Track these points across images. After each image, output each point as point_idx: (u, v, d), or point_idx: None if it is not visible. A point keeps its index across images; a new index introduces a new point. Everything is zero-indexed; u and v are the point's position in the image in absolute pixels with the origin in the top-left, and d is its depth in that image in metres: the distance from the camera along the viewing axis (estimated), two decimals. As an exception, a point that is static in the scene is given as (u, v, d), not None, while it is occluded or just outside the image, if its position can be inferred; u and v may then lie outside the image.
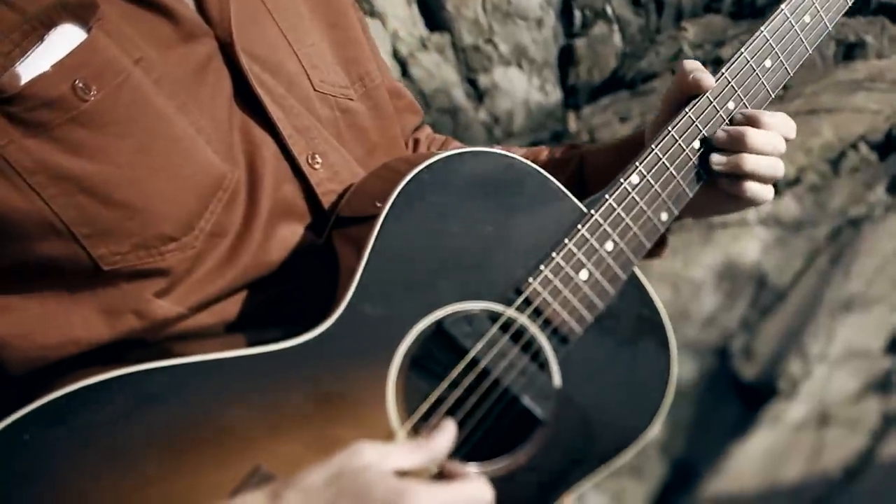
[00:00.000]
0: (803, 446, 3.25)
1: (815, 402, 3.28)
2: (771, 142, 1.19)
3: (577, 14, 6.58)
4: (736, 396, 3.25)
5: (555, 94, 6.46)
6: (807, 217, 3.09)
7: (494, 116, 6.25)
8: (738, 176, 1.20)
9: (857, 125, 4.03)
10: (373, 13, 5.79)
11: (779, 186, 2.99)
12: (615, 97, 6.05)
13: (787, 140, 1.22)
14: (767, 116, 1.20)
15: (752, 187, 1.21)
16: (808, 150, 3.17)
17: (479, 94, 6.21)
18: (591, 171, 1.15)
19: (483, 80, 6.23)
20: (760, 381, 3.21)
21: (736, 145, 1.18)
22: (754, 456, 3.23)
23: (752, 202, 1.24)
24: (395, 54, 5.81)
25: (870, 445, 3.09)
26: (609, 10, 6.53)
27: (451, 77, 6.03)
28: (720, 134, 1.19)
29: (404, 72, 5.79)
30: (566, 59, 6.55)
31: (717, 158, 1.19)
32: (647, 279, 1.18)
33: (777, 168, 1.21)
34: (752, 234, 3.04)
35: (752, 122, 1.20)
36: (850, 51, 5.31)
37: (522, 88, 6.36)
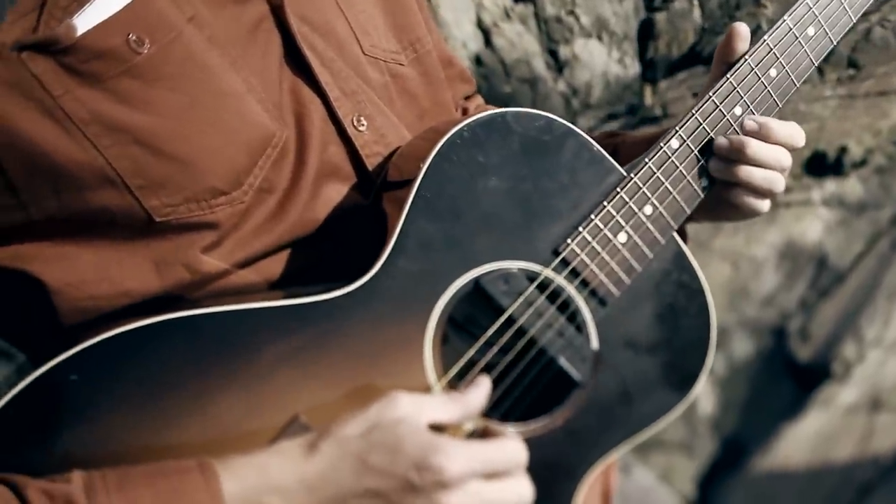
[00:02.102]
0: (854, 430, 3.21)
1: (868, 386, 3.23)
2: (773, 155, 1.18)
3: (659, -12, 6.51)
4: (790, 377, 3.21)
5: (633, 68, 6.40)
6: (871, 199, 3.02)
7: (573, 88, 6.20)
8: (734, 184, 1.20)
9: (929, 108, 3.92)
10: (459, -18, 5.76)
11: (844, 167, 2.94)
12: (691, 72, 5.97)
13: (793, 151, 1.21)
14: (777, 126, 1.19)
15: (746, 198, 1.21)
16: (876, 131, 3.09)
17: (559, 66, 6.16)
18: (623, 161, 1.17)
19: (563, 52, 6.17)
20: (815, 363, 3.17)
21: (736, 155, 1.17)
22: (804, 437, 3.20)
23: (748, 213, 1.25)
24: (479, 23, 5.78)
25: (921, 433, 3.06)
26: (690, -16, 6.44)
27: (532, 47, 5.98)
28: (722, 141, 1.18)
29: (487, 41, 5.77)
30: (646, 32, 6.47)
31: (713, 165, 1.19)
32: (708, 255, 1.18)
33: (774, 182, 1.19)
34: (815, 214, 2.98)
35: (762, 130, 1.18)
36: (927, 31, 5.13)
37: (602, 61, 6.29)
